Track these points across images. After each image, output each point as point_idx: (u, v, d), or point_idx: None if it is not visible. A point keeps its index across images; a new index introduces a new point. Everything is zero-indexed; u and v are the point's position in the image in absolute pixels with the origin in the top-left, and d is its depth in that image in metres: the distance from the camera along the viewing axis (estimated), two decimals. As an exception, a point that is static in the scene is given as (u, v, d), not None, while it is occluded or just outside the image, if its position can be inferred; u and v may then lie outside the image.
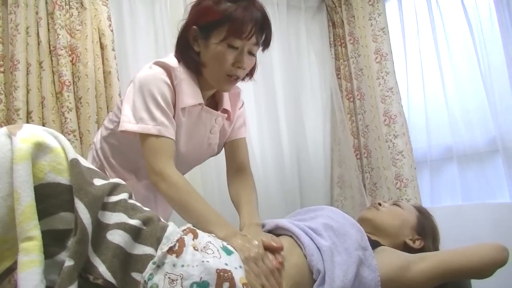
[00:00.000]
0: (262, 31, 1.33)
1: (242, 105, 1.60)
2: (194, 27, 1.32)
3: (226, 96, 1.49)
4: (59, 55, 1.91)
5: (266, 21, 1.33)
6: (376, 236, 1.45)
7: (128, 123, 1.29)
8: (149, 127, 1.27)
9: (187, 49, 1.35)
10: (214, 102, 1.49)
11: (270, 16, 1.34)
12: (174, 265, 0.97)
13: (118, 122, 1.35)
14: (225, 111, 1.48)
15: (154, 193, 1.51)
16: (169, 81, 1.30)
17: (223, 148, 1.58)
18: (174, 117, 1.33)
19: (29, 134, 0.93)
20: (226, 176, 1.56)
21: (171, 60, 1.35)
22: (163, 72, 1.31)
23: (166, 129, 1.29)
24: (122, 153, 1.44)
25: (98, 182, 1.00)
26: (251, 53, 1.35)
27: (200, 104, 1.38)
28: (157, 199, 1.54)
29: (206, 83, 1.39)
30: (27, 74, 1.86)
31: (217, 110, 1.46)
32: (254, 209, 1.39)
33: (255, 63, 1.41)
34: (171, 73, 1.31)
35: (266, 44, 1.38)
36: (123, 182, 1.08)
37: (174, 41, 1.41)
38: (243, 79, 1.42)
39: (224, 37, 1.27)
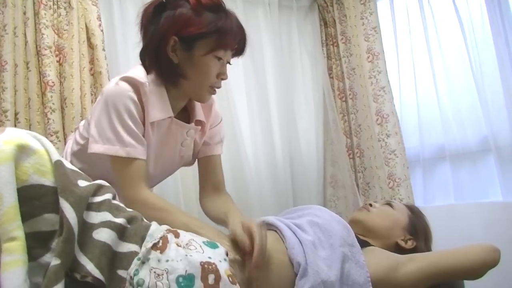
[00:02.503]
0: (243, 41, 1.34)
1: (220, 121, 1.56)
2: (175, 37, 1.25)
3: (198, 107, 1.44)
4: (44, 55, 1.88)
5: (244, 30, 1.33)
6: (368, 237, 1.45)
7: (95, 144, 1.25)
8: (116, 149, 1.24)
9: (164, 60, 1.28)
10: (186, 114, 1.44)
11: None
12: (159, 261, 0.98)
13: (88, 139, 1.31)
14: (198, 122, 1.44)
15: None
16: (136, 98, 1.25)
17: (197, 163, 1.55)
18: (144, 133, 1.29)
19: (11, 136, 0.93)
20: (199, 192, 1.52)
21: (139, 73, 1.29)
22: (130, 88, 1.25)
23: (135, 150, 1.25)
24: (94, 170, 1.36)
25: (82, 183, 1.01)
26: (228, 63, 1.35)
27: (169, 117, 1.33)
28: None
29: (177, 95, 1.35)
30: (15, 75, 1.84)
31: (189, 121, 1.42)
32: (238, 211, 1.37)
33: None
34: (139, 89, 1.26)
35: (240, 53, 1.36)
36: (107, 184, 1.09)
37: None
38: None
39: (211, 49, 1.25)
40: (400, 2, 2.55)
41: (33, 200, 0.91)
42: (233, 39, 1.28)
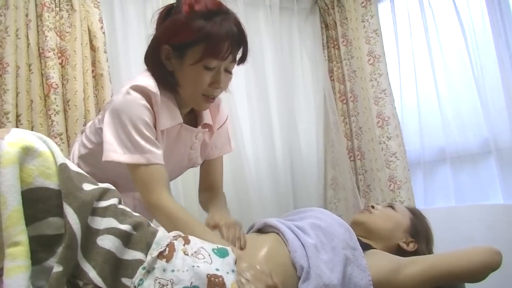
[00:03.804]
0: (239, 47, 1.27)
1: (226, 120, 1.55)
2: (166, 46, 1.24)
3: None
4: (47, 57, 1.89)
5: (242, 35, 1.26)
6: (369, 239, 1.45)
7: (114, 153, 1.24)
8: (137, 157, 1.23)
9: (160, 68, 1.28)
10: (193, 116, 1.43)
11: (246, 29, 1.27)
12: (164, 270, 0.96)
13: (97, 144, 1.31)
14: (205, 125, 1.43)
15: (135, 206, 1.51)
16: (148, 105, 1.24)
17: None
18: (157, 138, 1.29)
19: (17, 138, 0.91)
20: (198, 191, 1.59)
21: (150, 81, 1.27)
22: (141, 97, 1.24)
23: (154, 156, 1.24)
24: (103, 173, 1.35)
25: (87, 187, 0.99)
26: (228, 71, 1.29)
27: (179, 123, 1.33)
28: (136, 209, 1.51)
29: (183, 100, 1.34)
30: (16, 77, 1.84)
31: (196, 124, 1.41)
32: (223, 205, 1.44)
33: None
34: (150, 99, 1.25)
35: (242, 60, 1.31)
36: (113, 187, 1.07)
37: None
38: None
39: (199, 58, 1.21)
40: (401, 4, 2.56)
41: (38, 203, 0.91)
42: (222, 47, 1.21)
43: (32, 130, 1.83)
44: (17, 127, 1.81)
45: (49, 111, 1.87)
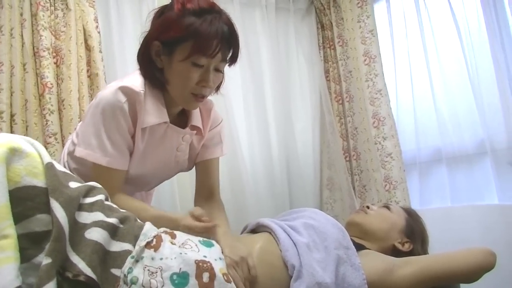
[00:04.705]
0: (229, 47, 1.26)
1: (220, 122, 1.54)
2: (157, 42, 1.25)
3: (196, 111, 1.42)
4: (42, 57, 1.88)
5: (233, 35, 1.26)
6: (365, 240, 1.46)
7: (78, 147, 1.26)
8: (97, 156, 1.24)
9: (150, 65, 1.28)
10: (184, 118, 1.43)
11: (237, 29, 1.27)
12: (152, 259, 1.00)
13: None
14: (194, 127, 1.42)
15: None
16: (128, 109, 1.24)
17: (195, 166, 1.54)
18: (133, 142, 1.28)
19: (4, 140, 0.95)
20: (194, 196, 1.53)
21: (136, 81, 1.27)
22: (125, 99, 1.23)
23: (115, 160, 1.25)
24: (87, 170, 1.34)
25: (73, 184, 1.03)
26: (218, 70, 1.28)
27: (165, 122, 1.32)
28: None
29: (172, 100, 1.33)
30: (11, 76, 1.84)
31: (186, 126, 1.41)
32: (228, 227, 1.35)
33: (223, 78, 1.33)
34: (134, 99, 1.24)
35: (233, 60, 1.30)
36: (99, 185, 1.10)
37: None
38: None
39: (188, 54, 1.20)
40: (397, 5, 2.56)
41: (26, 201, 0.93)
42: (210, 44, 1.20)
43: (26, 129, 1.84)
44: (11, 126, 1.81)
45: (43, 110, 1.86)
